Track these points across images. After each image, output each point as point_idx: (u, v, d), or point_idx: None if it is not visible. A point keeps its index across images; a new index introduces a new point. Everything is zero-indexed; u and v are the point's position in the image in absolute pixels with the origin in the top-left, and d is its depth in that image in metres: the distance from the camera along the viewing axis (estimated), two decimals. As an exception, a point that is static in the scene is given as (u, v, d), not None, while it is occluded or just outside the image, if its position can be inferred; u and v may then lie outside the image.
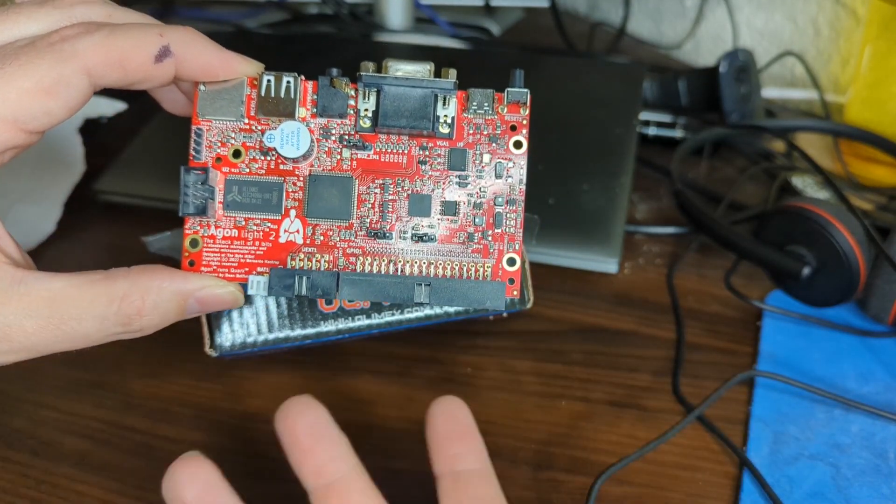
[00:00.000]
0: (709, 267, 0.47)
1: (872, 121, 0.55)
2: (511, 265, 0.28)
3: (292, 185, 0.28)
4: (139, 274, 0.25)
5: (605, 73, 0.58)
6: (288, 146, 0.27)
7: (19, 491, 0.34)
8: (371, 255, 0.27)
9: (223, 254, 0.27)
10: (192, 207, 0.27)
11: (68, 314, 0.24)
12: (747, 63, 0.57)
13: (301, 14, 0.76)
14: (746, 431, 0.36)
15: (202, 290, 0.26)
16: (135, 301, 0.25)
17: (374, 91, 0.27)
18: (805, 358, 0.40)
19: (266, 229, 0.28)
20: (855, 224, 0.41)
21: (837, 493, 0.33)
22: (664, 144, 0.57)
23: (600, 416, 0.37)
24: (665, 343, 0.42)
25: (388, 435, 0.36)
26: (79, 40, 0.24)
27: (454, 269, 0.27)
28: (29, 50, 0.24)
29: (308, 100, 0.28)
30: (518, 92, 0.28)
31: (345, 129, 0.28)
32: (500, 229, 0.28)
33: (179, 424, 0.37)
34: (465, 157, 0.28)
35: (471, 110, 0.28)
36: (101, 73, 0.24)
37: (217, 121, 0.27)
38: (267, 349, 0.32)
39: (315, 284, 0.27)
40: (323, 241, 0.27)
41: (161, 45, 0.25)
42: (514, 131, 0.28)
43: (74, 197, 0.50)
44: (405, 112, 0.27)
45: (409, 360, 0.40)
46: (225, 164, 0.28)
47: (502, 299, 0.27)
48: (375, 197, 0.28)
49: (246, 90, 0.27)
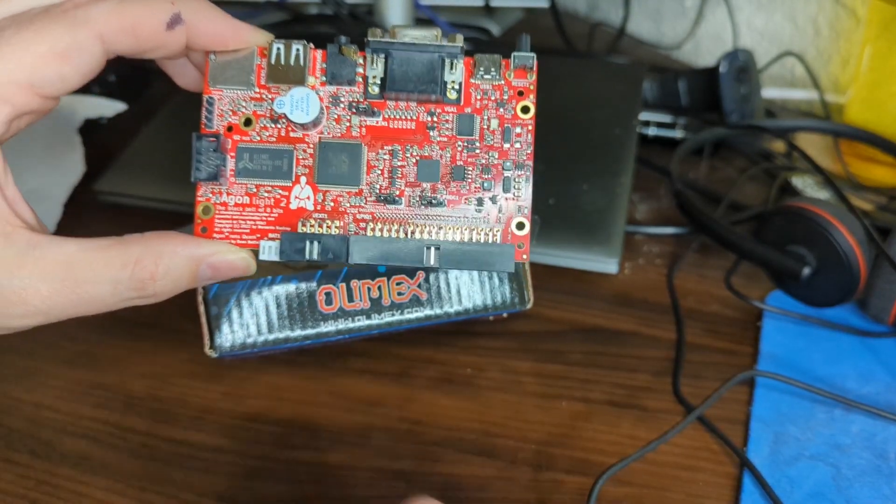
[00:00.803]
0: (709, 267, 0.47)
1: (872, 121, 0.55)
2: (520, 229, 0.28)
3: (302, 153, 0.28)
4: (152, 239, 0.26)
5: (605, 73, 0.58)
6: (298, 111, 0.27)
7: (19, 492, 0.34)
8: (381, 221, 0.28)
9: (235, 220, 0.28)
10: (204, 173, 0.27)
11: (83, 277, 0.24)
12: (747, 63, 0.57)
13: (301, 14, 0.76)
14: (747, 432, 0.36)
15: (214, 255, 0.27)
16: (148, 265, 0.25)
17: (382, 56, 0.28)
18: (805, 358, 0.40)
19: (277, 196, 0.28)
20: (855, 224, 0.41)
21: (838, 494, 0.33)
22: (664, 144, 0.57)
23: (600, 417, 0.37)
24: (665, 343, 0.42)
25: (388, 435, 0.36)
26: (91, 7, 0.25)
27: (464, 234, 0.27)
28: (43, 16, 0.24)
29: (317, 68, 0.28)
30: (524, 56, 0.28)
31: (354, 97, 0.28)
32: (508, 194, 0.28)
33: (179, 424, 0.37)
34: (474, 123, 0.28)
35: (478, 76, 0.28)
36: (114, 40, 0.25)
37: (228, 90, 0.28)
38: (267, 350, 0.32)
39: (326, 248, 0.27)
40: (333, 207, 0.28)
41: (172, 12, 0.26)
42: (522, 96, 0.28)
43: (74, 197, 0.50)
44: (413, 76, 0.27)
45: (409, 360, 0.40)
46: (236, 132, 0.28)
47: (511, 262, 0.27)
48: (385, 163, 0.28)
49: (256, 59, 0.28)
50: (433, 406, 0.38)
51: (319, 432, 0.36)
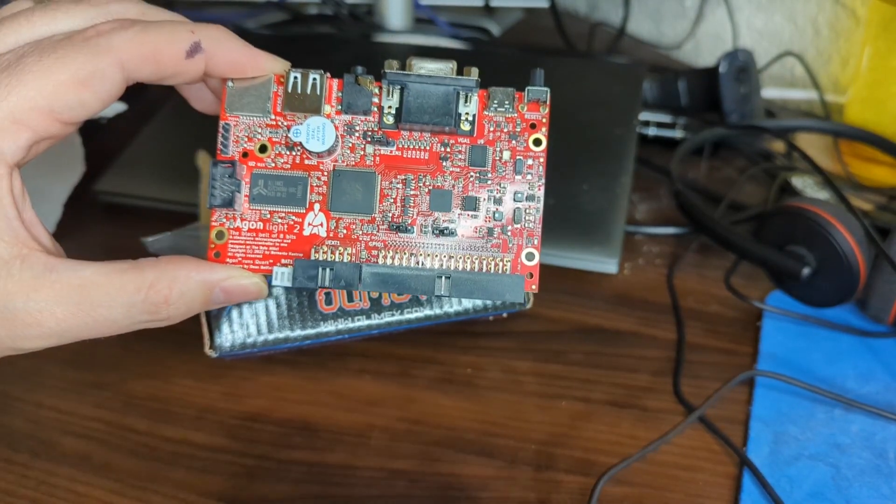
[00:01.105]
0: (709, 267, 0.47)
1: (872, 121, 0.55)
2: (530, 260, 0.28)
3: (317, 180, 0.28)
4: (167, 263, 0.26)
5: (605, 74, 0.58)
6: (314, 140, 0.28)
7: (19, 492, 0.34)
8: (393, 249, 0.28)
9: (248, 246, 0.28)
10: (219, 199, 0.28)
11: (98, 301, 0.25)
12: (747, 63, 0.57)
13: (301, 14, 0.76)
14: (746, 431, 0.36)
15: (228, 280, 0.27)
16: (162, 290, 0.25)
17: (398, 88, 0.28)
18: (805, 358, 0.40)
19: (290, 222, 0.28)
20: (855, 224, 0.41)
21: (837, 494, 0.33)
22: (664, 144, 0.57)
23: (600, 417, 0.37)
24: (665, 343, 0.42)
25: (387, 435, 0.36)
26: (114, 35, 0.25)
27: (474, 263, 0.28)
28: (66, 44, 0.25)
29: (333, 97, 0.28)
30: (538, 90, 0.28)
31: (368, 126, 0.28)
32: (519, 224, 0.28)
33: (179, 424, 0.37)
34: (486, 154, 0.28)
35: (492, 108, 0.28)
36: (135, 67, 0.25)
37: (244, 116, 0.28)
38: (267, 349, 0.32)
39: (338, 276, 0.27)
40: (346, 234, 0.28)
41: (192, 41, 0.26)
42: (534, 129, 0.28)
43: (74, 197, 0.50)
44: (428, 109, 0.28)
45: (409, 360, 0.40)
46: (251, 159, 0.28)
47: (521, 292, 0.28)
48: (398, 192, 0.28)
49: (273, 87, 0.28)
50: (433, 406, 0.38)
51: (319, 432, 0.36)
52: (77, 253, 0.25)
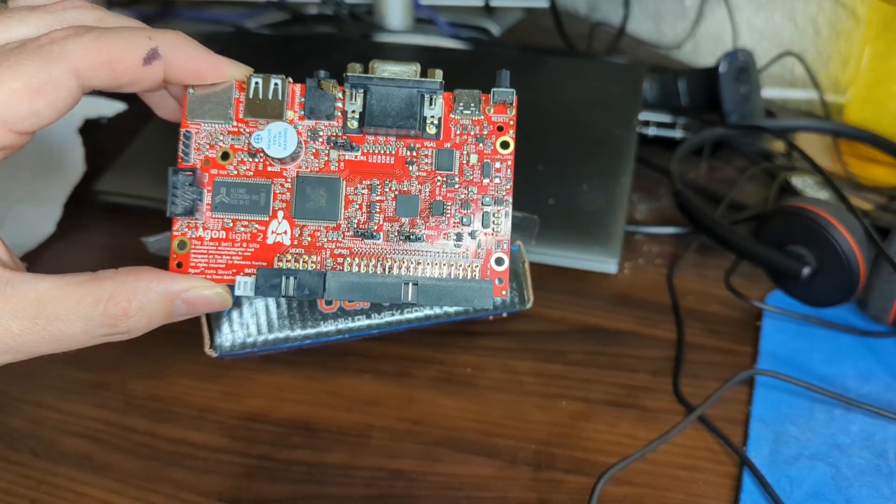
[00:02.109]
0: (709, 267, 0.47)
1: (872, 121, 0.55)
2: (499, 265, 0.28)
3: (280, 187, 0.28)
4: (126, 275, 0.25)
5: (605, 73, 0.58)
6: (275, 146, 0.27)
7: (19, 491, 0.34)
8: (359, 256, 0.28)
9: (211, 255, 0.28)
10: (180, 208, 0.27)
11: (54, 315, 0.24)
12: (747, 63, 0.57)
13: (301, 14, 0.76)
14: (746, 431, 0.36)
15: (190, 290, 0.26)
16: (121, 302, 0.25)
17: (361, 92, 0.27)
18: (805, 358, 0.40)
19: (254, 230, 0.28)
20: (855, 224, 0.41)
21: (837, 494, 0.33)
22: (664, 144, 0.57)
23: (600, 417, 0.37)
24: (665, 343, 0.42)
25: (387, 435, 0.36)
26: (68, 42, 0.24)
27: (442, 269, 0.27)
28: (18, 52, 0.24)
29: (296, 102, 0.28)
30: (504, 92, 0.28)
31: (332, 131, 0.28)
32: (487, 229, 0.28)
33: (179, 424, 0.37)
34: (453, 158, 0.28)
35: (457, 111, 0.28)
36: (90, 75, 0.25)
37: (206, 123, 0.28)
38: (267, 349, 0.32)
39: (302, 284, 0.27)
40: (310, 241, 0.28)
41: (149, 47, 0.25)
42: (501, 132, 0.28)
43: (74, 197, 0.50)
44: (392, 112, 0.27)
45: (409, 360, 0.40)
46: (213, 166, 0.28)
47: (490, 299, 0.27)
48: (363, 197, 0.28)
49: (234, 93, 0.28)
50: (433, 406, 0.38)
51: (319, 432, 0.36)
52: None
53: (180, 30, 0.27)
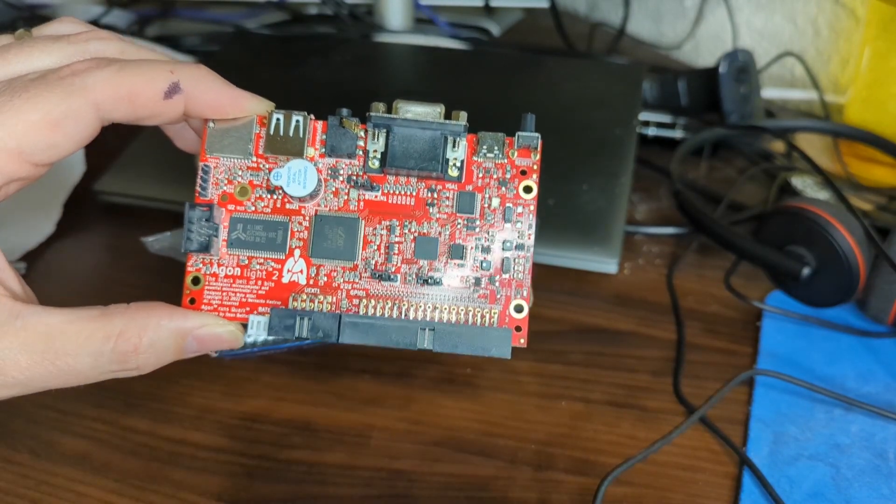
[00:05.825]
0: (709, 267, 0.47)
1: (872, 121, 0.55)
2: (518, 312, 0.28)
3: (298, 225, 0.27)
4: (137, 311, 0.25)
5: (605, 74, 0.58)
6: (294, 185, 0.27)
7: (19, 491, 0.34)
8: (375, 298, 0.27)
9: (225, 292, 0.27)
10: (195, 244, 0.27)
11: (63, 350, 0.24)
12: (747, 63, 0.57)
13: (301, 14, 0.76)
14: (746, 432, 0.36)
15: (201, 328, 0.26)
16: (131, 339, 0.24)
17: (384, 131, 0.27)
18: (805, 358, 0.40)
19: (269, 269, 0.27)
20: (855, 224, 0.41)
21: (837, 494, 0.33)
22: (664, 144, 0.57)
23: (600, 417, 0.37)
24: (665, 343, 0.42)
25: (387, 435, 0.36)
26: (89, 75, 0.24)
27: (460, 315, 0.27)
28: (39, 83, 0.24)
29: (317, 139, 0.27)
30: (529, 137, 0.27)
31: (353, 170, 0.27)
32: (507, 275, 0.27)
33: (179, 424, 0.37)
34: (474, 201, 0.27)
35: (481, 154, 0.27)
36: (110, 108, 0.25)
37: (225, 158, 0.27)
38: (267, 349, 0.32)
39: (316, 326, 0.26)
40: (326, 282, 0.27)
41: (171, 81, 0.25)
42: (525, 176, 0.28)
43: (74, 197, 0.50)
44: (414, 153, 0.27)
45: (409, 360, 0.40)
46: (231, 202, 0.27)
47: (508, 347, 0.27)
48: (381, 238, 0.27)
49: (255, 128, 0.27)
50: (433, 406, 0.38)
51: (319, 432, 0.36)
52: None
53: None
